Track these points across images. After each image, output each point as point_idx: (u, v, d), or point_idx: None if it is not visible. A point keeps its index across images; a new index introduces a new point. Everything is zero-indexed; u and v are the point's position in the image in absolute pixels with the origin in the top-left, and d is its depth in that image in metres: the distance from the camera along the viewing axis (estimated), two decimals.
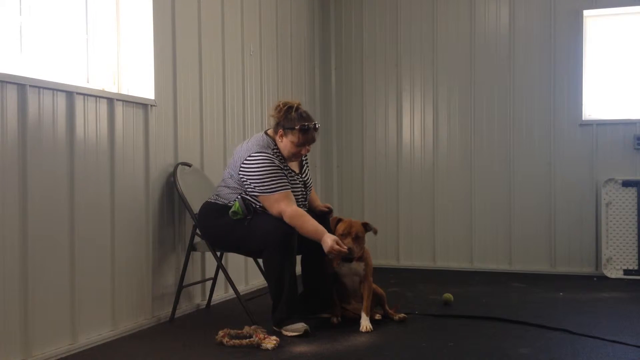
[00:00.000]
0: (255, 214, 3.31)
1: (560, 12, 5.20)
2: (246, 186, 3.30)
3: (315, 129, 3.36)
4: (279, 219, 3.26)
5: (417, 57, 5.60)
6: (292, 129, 3.29)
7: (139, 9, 3.54)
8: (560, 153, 5.21)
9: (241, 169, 3.29)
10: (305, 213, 3.29)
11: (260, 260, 3.67)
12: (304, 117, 3.33)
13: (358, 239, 3.32)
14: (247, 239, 3.30)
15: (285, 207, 3.22)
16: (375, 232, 3.42)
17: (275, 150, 3.35)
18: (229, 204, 3.36)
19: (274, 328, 3.25)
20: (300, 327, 3.19)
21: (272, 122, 3.41)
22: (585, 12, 5.14)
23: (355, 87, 5.81)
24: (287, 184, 3.30)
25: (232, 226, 3.32)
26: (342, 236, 3.28)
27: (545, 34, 5.24)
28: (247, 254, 3.60)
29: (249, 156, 3.28)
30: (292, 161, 3.45)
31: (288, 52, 5.25)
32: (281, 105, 3.36)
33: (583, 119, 5.16)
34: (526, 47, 5.30)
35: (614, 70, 5.16)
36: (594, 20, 5.20)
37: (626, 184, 4.96)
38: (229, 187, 3.38)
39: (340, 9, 5.85)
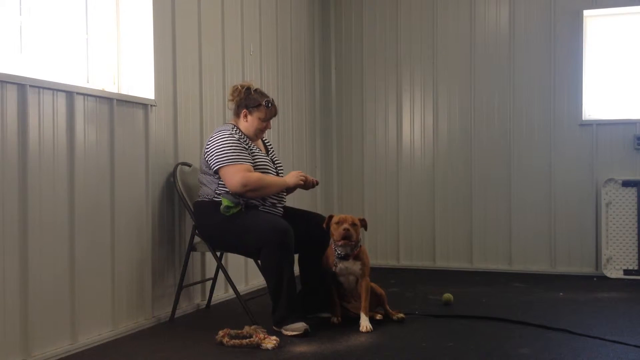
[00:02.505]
0: (247, 209, 3.32)
1: (560, 12, 5.20)
2: (211, 165, 3.36)
3: (275, 105, 3.57)
4: (273, 217, 3.25)
5: (417, 57, 5.60)
6: (258, 105, 3.48)
7: (139, 9, 3.54)
8: (560, 153, 5.21)
9: (205, 150, 3.42)
10: (264, 175, 3.38)
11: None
12: (264, 94, 3.56)
13: (354, 226, 3.36)
14: (243, 238, 3.29)
15: (248, 174, 3.30)
16: (366, 227, 3.50)
17: (235, 129, 3.46)
18: (214, 199, 3.38)
19: (274, 328, 3.25)
20: (300, 326, 3.19)
21: (232, 106, 3.56)
22: (585, 12, 5.14)
23: (355, 87, 5.81)
24: (248, 157, 3.38)
25: (227, 224, 3.32)
26: (338, 224, 3.35)
27: (545, 34, 5.24)
28: (244, 253, 3.60)
29: (210, 137, 3.44)
30: (256, 139, 3.56)
31: (288, 52, 5.25)
32: (239, 87, 3.55)
33: (583, 119, 5.16)
34: (526, 47, 5.30)
35: (614, 70, 5.16)
36: (594, 20, 5.20)
37: (626, 184, 4.96)
38: (203, 184, 3.47)
39: (340, 9, 5.85)
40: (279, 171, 3.63)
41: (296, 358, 2.85)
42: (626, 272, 4.93)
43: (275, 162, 3.65)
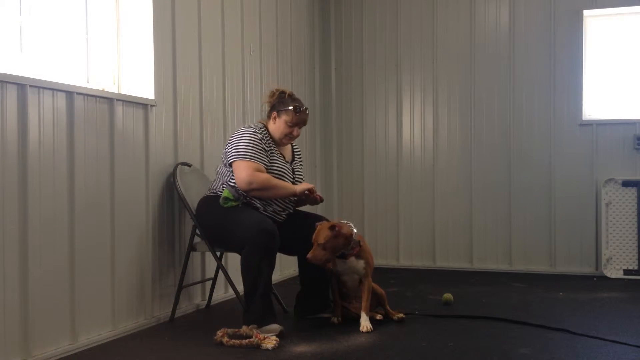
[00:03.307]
0: (243, 205, 3.32)
1: (560, 12, 5.20)
2: (228, 156, 3.38)
3: (306, 113, 3.52)
4: (263, 217, 3.23)
5: (417, 57, 5.60)
6: (287, 109, 3.46)
7: (139, 9, 3.54)
8: (560, 153, 5.21)
9: (228, 141, 3.45)
10: (272, 178, 3.37)
11: None
12: (297, 99, 3.55)
13: (321, 245, 3.23)
14: (230, 233, 3.28)
15: (257, 173, 3.30)
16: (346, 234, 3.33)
17: (262, 130, 3.46)
18: (219, 193, 3.39)
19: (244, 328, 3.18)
20: (275, 327, 3.14)
21: (266, 107, 3.57)
22: (585, 12, 5.14)
23: (355, 87, 5.81)
24: (264, 160, 3.38)
25: (221, 216, 3.32)
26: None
27: (545, 34, 5.24)
28: (230, 248, 3.49)
29: (237, 129, 3.47)
30: (284, 144, 3.54)
31: (288, 52, 5.25)
32: (274, 91, 3.56)
33: (583, 119, 5.16)
34: (526, 47, 5.30)
35: (614, 70, 5.16)
36: (594, 20, 5.20)
37: (626, 184, 4.96)
38: (217, 174, 3.48)
39: (340, 9, 5.85)
40: (297, 179, 3.58)
41: (296, 358, 2.85)
42: (626, 272, 4.93)
43: (296, 172, 3.60)
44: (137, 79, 3.55)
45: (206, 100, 4.07)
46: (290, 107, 3.46)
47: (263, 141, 3.41)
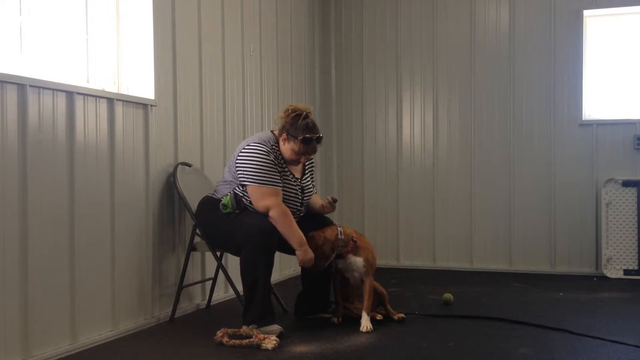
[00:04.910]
0: (243, 210, 3.30)
1: (560, 12, 5.20)
2: (239, 174, 3.29)
3: (318, 142, 3.33)
4: (262, 218, 3.21)
5: (417, 57, 5.60)
6: (295, 137, 3.26)
7: (139, 9, 3.54)
8: (560, 153, 5.21)
9: (238, 157, 3.30)
10: (291, 214, 3.26)
11: None
12: (310, 127, 3.28)
13: (318, 249, 3.31)
14: (230, 235, 3.27)
15: (273, 202, 3.21)
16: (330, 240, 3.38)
17: (274, 147, 3.33)
18: (221, 198, 3.36)
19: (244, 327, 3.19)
20: (274, 328, 3.14)
21: (279, 123, 3.36)
22: (585, 12, 5.14)
23: (355, 87, 5.81)
24: (279, 181, 3.28)
25: (220, 220, 3.32)
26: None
27: (545, 34, 5.24)
28: (230, 250, 3.48)
29: (247, 145, 3.29)
30: (291, 165, 3.42)
31: (288, 52, 5.25)
32: (290, 110, 3.31)
33: (583, 119, 5.16)
34: (526, 47, 5.30)
35: (614, 70, 5.16)
36: (594, 20, 5.20)
37: (626, 184, 4.96)
38: (225, 182, 3.39)
39: (340, 9, 5.85)
40: (305, 197, 3.49)
41: (296, 358, 2.85)
42: (626, 272, 4.93)
43: (306, 189, 3.50)
44: (137, 79, 3.55)
45: (206, 100, 4.07)
46: (300, 137, 3.25)
47: (277, 161, 3.30)
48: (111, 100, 3.27)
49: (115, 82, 3.51)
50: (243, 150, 3.29)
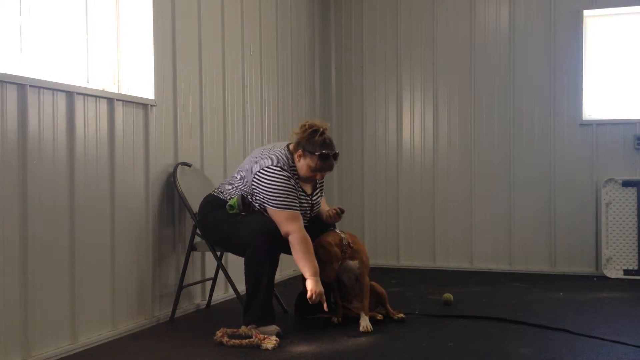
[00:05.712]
0: (248, 213, 3.30)
1: (560, 12, 5.20)
2: (256, 195, 3.28)
3: (335, 158, 3.32)
4: (268, 220, 3.22)
5: (417, 57, 5.60)
6: (312, 153, 3.25)
7: (139, 9, 3.54)
8: (560, 153, 5.21)
9: (255, 177, 3.26)
10: (310, 242, 3.23)
11: None
12: (327, 144, 3.28)
13: (328, 253, 3.30)
14: (234, 235, 3.27)
15: (295, 228, 3.19)
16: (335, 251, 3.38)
17: (292, 169, 3.31)
18: (227, 198, 3.36)
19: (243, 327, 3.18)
20: (273, 329, 3.13)
21: (295, 139, 3.34)
22: (585, 12, 5.15)
23: (355, 87, 5.81)
24: (298, 205, 3.27)
25: (224, 219, 3.31)
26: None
27: (545, 34, 5.24)
28: (233, 250, 3.48)
29: (267, 167, 3.24)
30: (305, 182, 3.41)
31: (288, 52, 5.25)
32: (307, 126, 3.30)
33: (583, 119, 5.16)
34: (526, 47, 5.30)
35: (614, 70, 5.16)
36: (594, 20, 5.20)
37: (626, 184, 4.96)
38: (235, 187, 3.36)
39: (340, 9, 5.85)
40: (313, 212, 3.48)
41: (296, 358, 2.85)
42: (626, 272, 4.93)
43: (315, 205, 3.49)
44: (137, 79, 3.55)
45: (206, 100, 4.07)
46: (317, 153, 3.24)
47: (296, 184, 3.29)
48: (111, 100, 3.27)
49: (115, 82, 3.51)
50: (263, 172, 3.25)
